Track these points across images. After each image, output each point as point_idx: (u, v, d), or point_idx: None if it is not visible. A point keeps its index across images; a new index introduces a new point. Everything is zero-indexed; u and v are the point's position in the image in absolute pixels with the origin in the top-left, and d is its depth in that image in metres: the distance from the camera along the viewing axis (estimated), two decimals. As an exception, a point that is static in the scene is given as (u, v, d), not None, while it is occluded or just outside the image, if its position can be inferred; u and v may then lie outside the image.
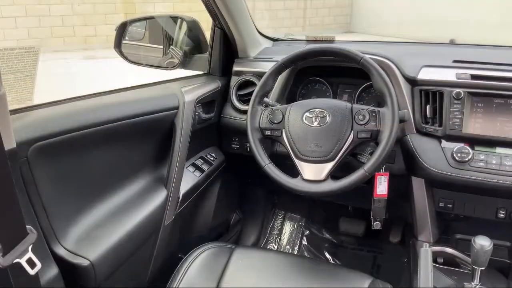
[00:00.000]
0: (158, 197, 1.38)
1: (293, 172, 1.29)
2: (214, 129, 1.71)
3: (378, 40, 1.89)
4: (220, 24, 1.61)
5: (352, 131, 1.26)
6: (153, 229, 1.39)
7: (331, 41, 1.73)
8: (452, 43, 1.82)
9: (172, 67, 1.71)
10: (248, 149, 1.46)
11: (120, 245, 1.22)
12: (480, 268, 1.17)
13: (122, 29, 1.66)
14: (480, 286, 1.20)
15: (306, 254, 2.12)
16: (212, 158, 1.68)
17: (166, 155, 1.44)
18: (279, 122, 1.34)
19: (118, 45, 1.66)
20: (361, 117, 1.26)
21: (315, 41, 1.78)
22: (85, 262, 1.10)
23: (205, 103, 1.59)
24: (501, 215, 1.39)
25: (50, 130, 1.04)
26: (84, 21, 8.01)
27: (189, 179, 1.53)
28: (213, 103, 1.65)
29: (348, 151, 1.27)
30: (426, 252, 1.08)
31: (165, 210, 1.41)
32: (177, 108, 1.42)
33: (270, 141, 1.47)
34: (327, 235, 2.16)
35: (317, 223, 2.20)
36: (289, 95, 1.62)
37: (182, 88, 1.49)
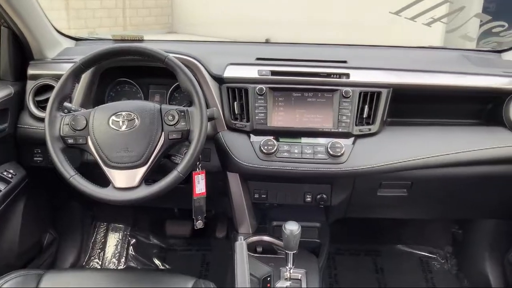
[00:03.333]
0: None
1: (106, 181, 1.21)
2: (10, 142, 1.51)
3: (195, 39, 1.89)
4: (7, 23, 1.41)
5: (163, 133, 1.22)
6: None
7: (140, 40, 1.66)
8: (267, 42, 1.93)
9: None
10: None
11: None
12: (292, 252, 1.25)
13: None
14: (294, 269, 1.29)
15: (133, 264, 2.02)
16: (10, 175, 1.48)
17: None
18: (82, 129, 1.23)
19: None
20: (171, 117, 1.23)
21: (122, 40, 1.69)
22: None
23: None
24: (308, 199, 1.52)
25: None
26: None
27: None
28: (6, 112, 1.45)
29: (161, 154, 1.23)
30: (240, 246, 1.11)
31: None
32: None
33: (79, 150, 1.34)
34: (154, 240, 2.11)
35: (143, 229, 2.13)
36: (96, 98, 1.51)
37: None
